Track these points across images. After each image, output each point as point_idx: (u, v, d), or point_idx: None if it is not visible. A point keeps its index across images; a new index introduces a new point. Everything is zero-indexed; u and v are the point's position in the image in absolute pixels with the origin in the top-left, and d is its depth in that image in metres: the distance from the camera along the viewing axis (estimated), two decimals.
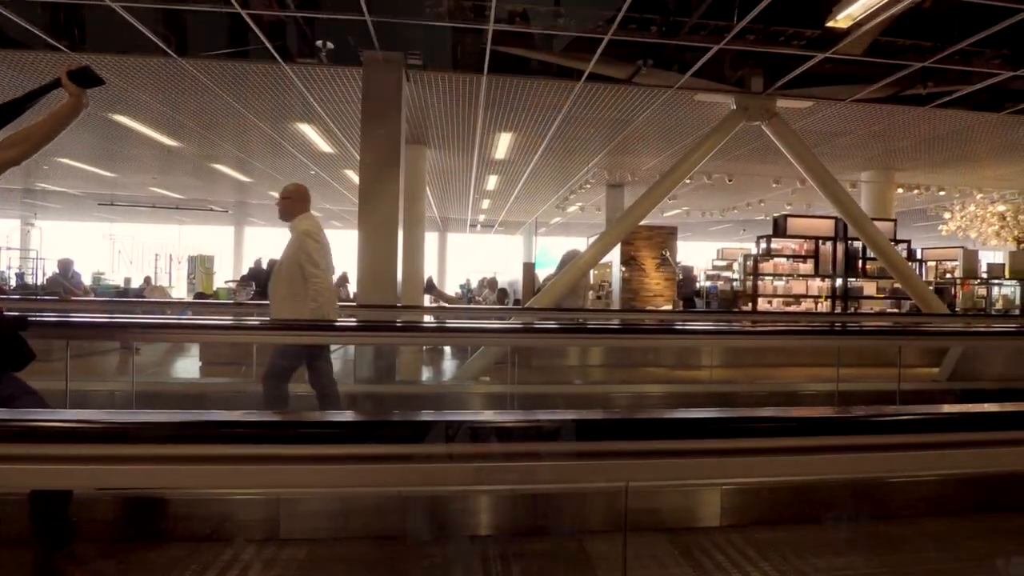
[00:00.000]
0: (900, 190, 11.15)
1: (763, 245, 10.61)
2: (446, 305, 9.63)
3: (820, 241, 10.45)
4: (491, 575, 2.05)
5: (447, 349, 7.01)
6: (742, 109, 6.33)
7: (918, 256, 11.96)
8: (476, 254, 24.87)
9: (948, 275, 13.31)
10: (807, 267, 10.49)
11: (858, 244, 10.18)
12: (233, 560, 2.09)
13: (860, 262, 10.41)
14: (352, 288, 11.02)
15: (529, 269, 9.40)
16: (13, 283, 14.83)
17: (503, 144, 9.07)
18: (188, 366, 6.02)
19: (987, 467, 2.55)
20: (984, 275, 12.21)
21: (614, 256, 10.83)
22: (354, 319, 5.34)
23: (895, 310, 10.16)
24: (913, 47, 5.37)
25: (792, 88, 6.20)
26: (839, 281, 10.38)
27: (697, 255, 20.24)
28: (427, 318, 6.16)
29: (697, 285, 11.67)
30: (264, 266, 12.88)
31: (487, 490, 2.38)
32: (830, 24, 4.68)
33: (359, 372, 5.41)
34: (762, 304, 10.19)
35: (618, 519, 2.32)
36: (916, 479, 2.57)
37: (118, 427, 1.04)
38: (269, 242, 22.25)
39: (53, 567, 1.90)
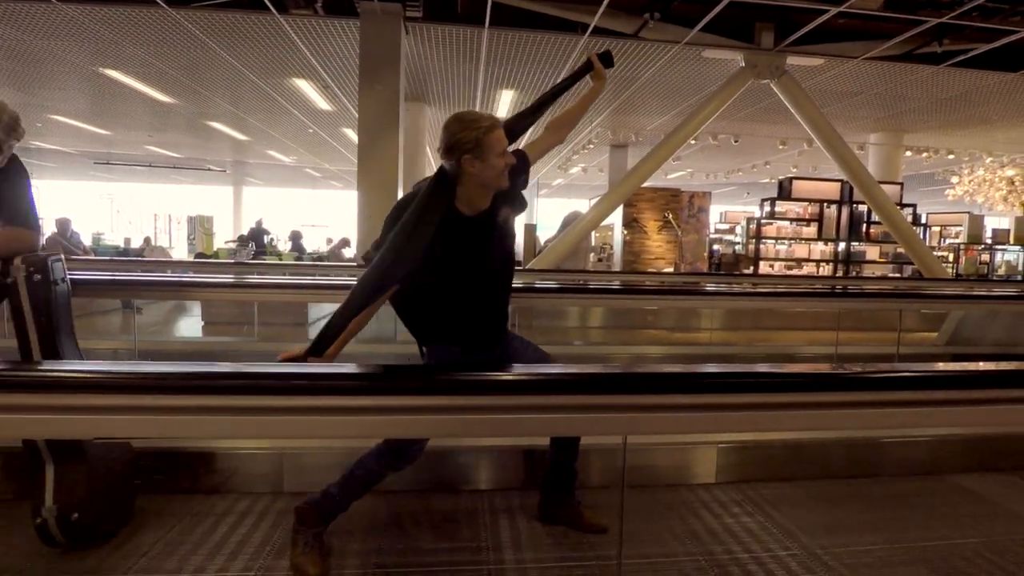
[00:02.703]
0: (908, 153, 10.97)
1: (767, 208, 10.51)
2: None
3: (825, 204, 10.35)
4: (495, 524, 2.11)
5: None
6: (751, 66, 6.16)
7: (923, 221, 11.87)
8: None
9: (945, 239, 13.25)
10: (810, 231, 10.42)
11: (863, 208, 10.08)
12: None
13: (864, 226, 10.33)
14: (352, 251, 11.01)
15: (530, 231, 9.32)
16: None
17: (505, 102, 8.87)
18: (190, 325, 6.06)
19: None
20: (988, 240, 12.15)
21: (616, 218, 10.75)
22: (353, 279, 5.32)
23: (897, 275, 10.15)
24: (930, 2, 5.18)
25: (803, 44, 6.03)
26: (842, 245, 10.34)
27: None
28: None
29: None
30: (264, 226, 12.86)
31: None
32: None
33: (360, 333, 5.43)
34: (763, 268, 10.18)
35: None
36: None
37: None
38: (267, 202, 22.15)
39: (567, 511, 2.09)
